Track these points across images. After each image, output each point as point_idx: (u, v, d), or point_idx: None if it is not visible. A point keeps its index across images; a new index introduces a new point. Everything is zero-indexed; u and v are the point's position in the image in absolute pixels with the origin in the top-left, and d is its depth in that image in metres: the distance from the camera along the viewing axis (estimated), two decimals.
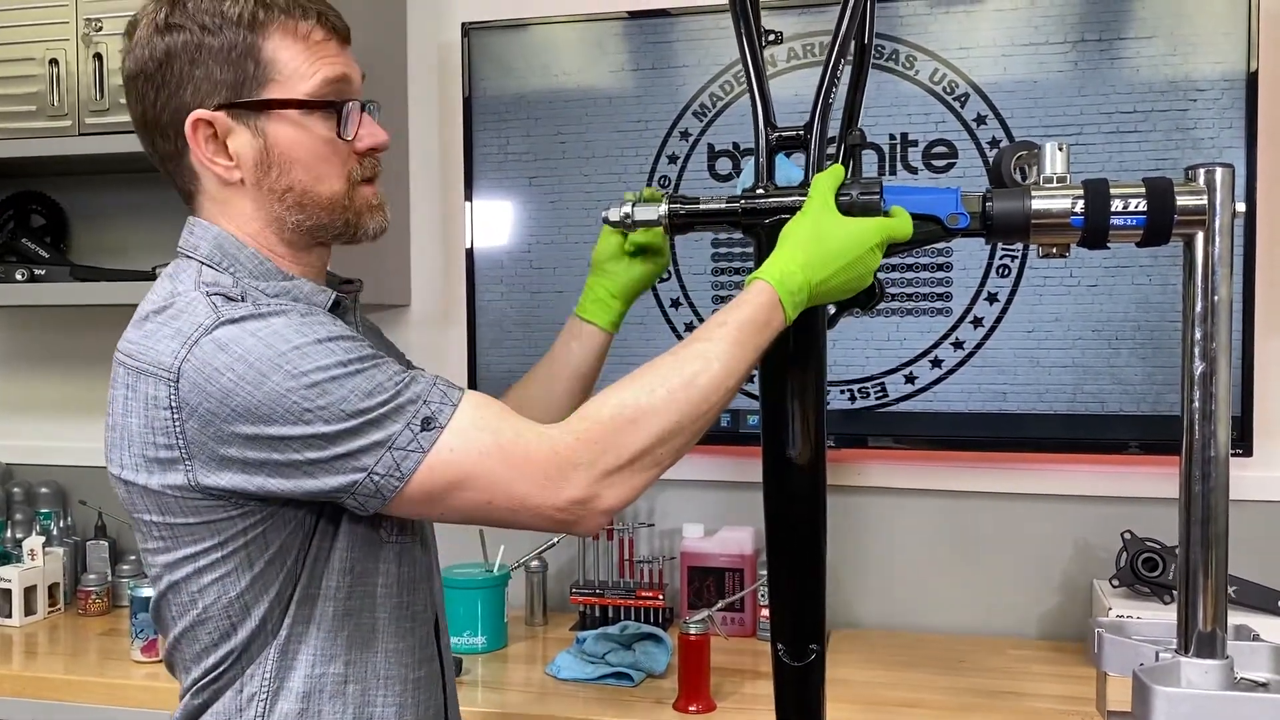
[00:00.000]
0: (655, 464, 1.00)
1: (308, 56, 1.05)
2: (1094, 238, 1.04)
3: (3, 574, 2.12)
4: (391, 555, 1.09)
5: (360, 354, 0.98)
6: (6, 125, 2.04)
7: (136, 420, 0.99)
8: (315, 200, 1.07)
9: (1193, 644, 1.03)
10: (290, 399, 0.94)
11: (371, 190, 1.12)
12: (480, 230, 2.14)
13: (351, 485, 0.96)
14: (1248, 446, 1.81)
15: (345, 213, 1.09)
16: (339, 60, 1.08)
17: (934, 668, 1.82)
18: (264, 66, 1.03)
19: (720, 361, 1.00)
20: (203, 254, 1.05)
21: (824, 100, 1.10)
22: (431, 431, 0.96)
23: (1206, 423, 1.04)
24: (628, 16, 2.06)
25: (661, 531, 2.15)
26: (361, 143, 1.09)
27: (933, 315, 1.94)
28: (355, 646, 1.06)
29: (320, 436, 0.94)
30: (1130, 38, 1.85)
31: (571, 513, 0.98)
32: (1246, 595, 1.74)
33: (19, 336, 2.50)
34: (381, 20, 2.17)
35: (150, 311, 1.01)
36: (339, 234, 1.10)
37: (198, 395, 0.95)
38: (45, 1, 2.02)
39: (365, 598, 1.07)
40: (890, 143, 1.94)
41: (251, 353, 0.95)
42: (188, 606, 1.04)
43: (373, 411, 0.95)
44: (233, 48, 1.02)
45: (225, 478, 0.97)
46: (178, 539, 1.02)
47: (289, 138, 1.04)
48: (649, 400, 0.98)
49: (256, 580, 1.02)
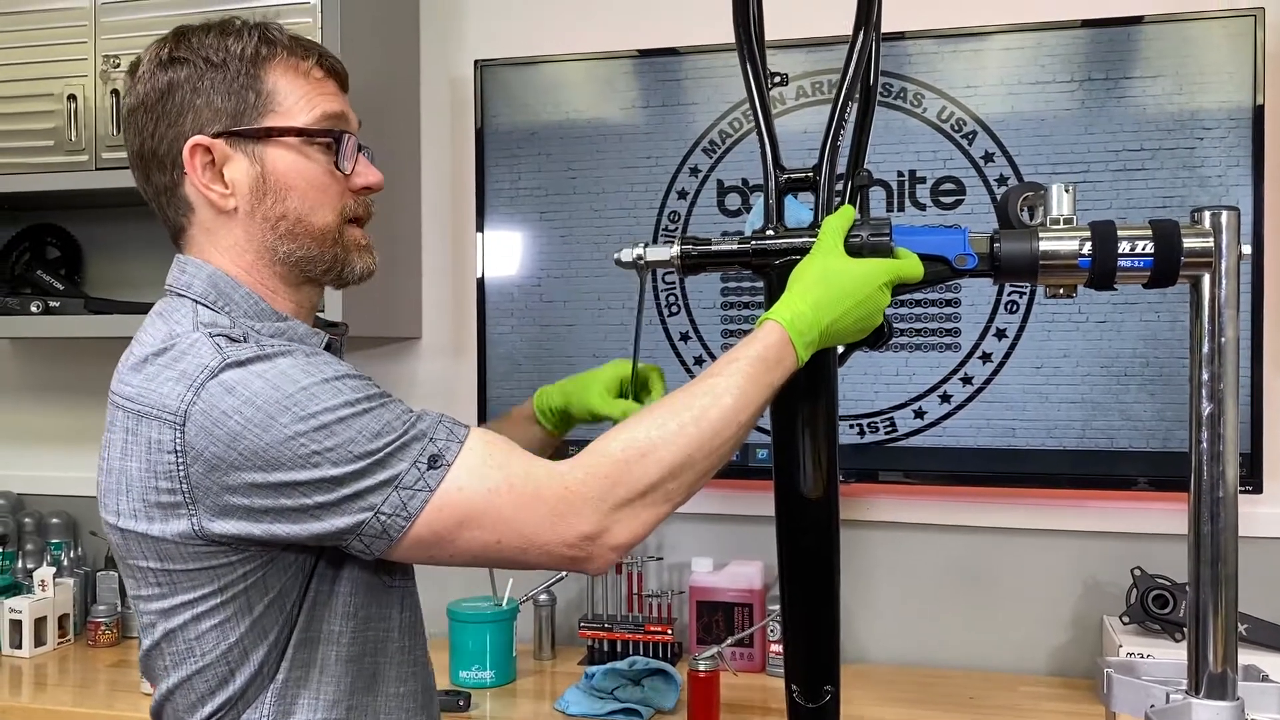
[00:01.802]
0: (666, 499, 0.99)
1: (308, 91, 1.07)
2: (1101, 279, 1.05)
3: (13, 605, 2.13)
4: (395, 600, 1.08)
5: (368, 393, 0.98)
6: (25, 160, 2.07)
7: (137, 464, 0.98)
8: (308, 229, 1.07)
9: (1204, 685, 1.03)
10: (298, 442, 0.93)
11: (360, 232, 1.12)
12: (491, 263, 2.16)
13: (358, 526, 0.95)
14: (1258, 483, 1.81)
15: (334, 247, 1.09)
16: (338, 99, 1.11)
17: (944, 705, 1.81)
18: (264, 97, 1.05)
19: (731, 396, 1.00)
20: (196, 292, 1.05)
21: (832, 142, 1.11)
22: (439, 470, 0.96)
23: (1215, 463, 1.04)
24: (638, 55, 2.08)
25: (670, 565, 2.15)
26: (358, 179, 1.10)
27: (942, 350, 1.95)
28: (358, 691, 1.05)
29: (328, 480, 0.94)
30: (1137, 76, 1.86)
31: (582, 549, 0.97)
32: (1258, 633, 1.73)
33: (33, 368, 2.52)
34: (396, 55, 2.20)
35: (149, 354, 1.00)
36: (327, 269, 1.10)
37: (205, 439, 0.94)
38: (64, 39, 2.05)
39: (369, 643, 1.06)
40: (898, 179, 1.96)
41: (259, 395, 0.94)
42: (184, 655, 1.02)
43: (380, 452, 0.95)
44: (235, 79, 1.05)
45: (231, 524, 0.96)
46: (175, 585, 1.00)
47: (286, 165, 1.05)
48: (659, 434, 0.98)
49: (255, 625, 1.00)
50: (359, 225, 1.12)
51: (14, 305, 2.17)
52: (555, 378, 1.38)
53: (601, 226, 2.10)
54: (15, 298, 2.20)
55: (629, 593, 2.07)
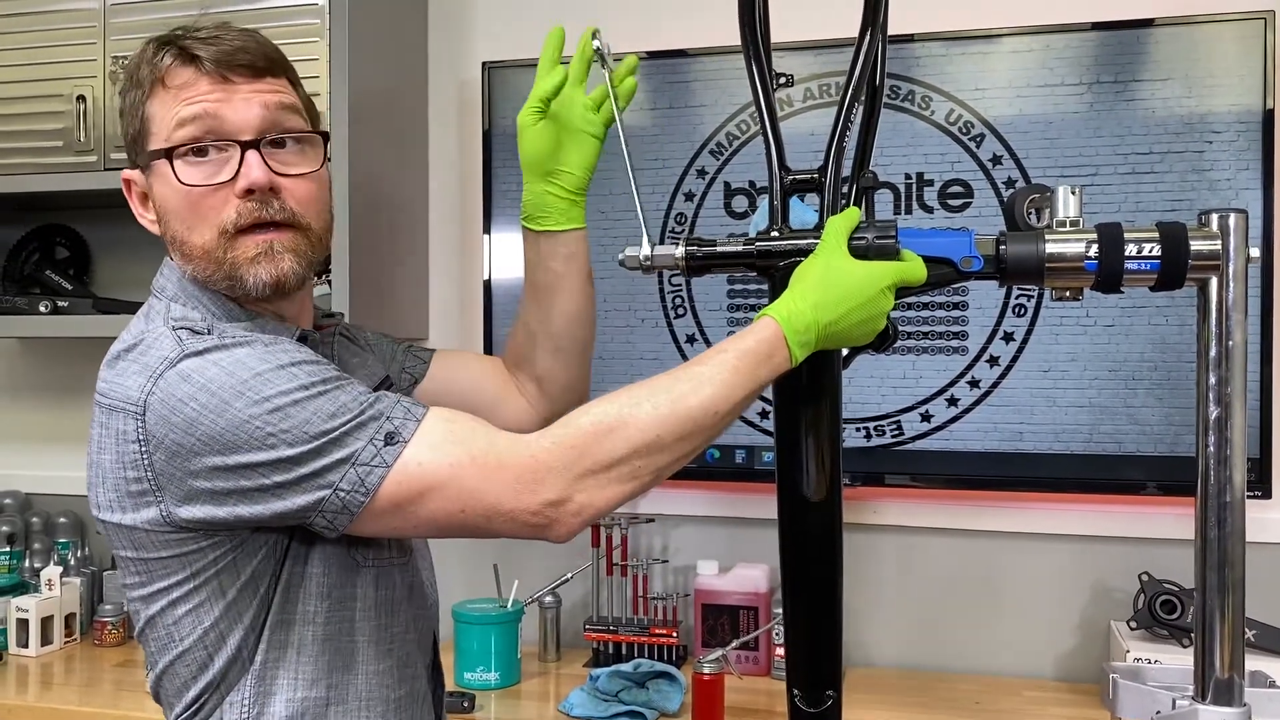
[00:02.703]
0: (633, 476, 0.99)
1: (170, 103, 1.05)
2: (1108, 282, 1.04)
3: (20, 604, 2.13)
4: (369, 579, 1.09)
5: (323, 376, 0.99)
6: (34, 160, 2.08)
7: (109, 457, 1.01)
8: (192, 250, 1.05)
9: (1210, 691, 1.02)
10: (253, 424, 0.95)
11: (253, 240, 1.04)
12: (498, 265, 2.16)
13: (319, 503, 0.97)
14: (1266, 488, 1.80)
15: (222, 264, 1.04)
16: (204, 100, 1.03)
17: (949, 709, 1.81)
18: (145, 122, 1.07)
19: (713, 386, 1.00)
20: (169, 294, 1.08)
21: (838, 143, 1.11)
22: (395, 446, 0.97)
23: (1222, 467, 1.03)
24: (646, 56, 2.08)
25: (675, 568, 2.15)
26: (238, 182, 1.03)
27: (949, 354, 1.94)
28: (336, 670, 1.07)
29: (286, 460, 0.95)
30: (1145, 79, 1.85)
31: (545, 515, 0.97)
32: (1266, 639, 1.72)
33: (41, 367, 2.53)
34: (404, 58, 2.20)
35: (121, 350, 1.03)
36: (228, 285, 1.05)
37: (164, 427, 0.97)
38: (74, 40, 2.06)
39: (344, 622, 1.07)
40: (906, 182, 1.95)
41: (214, 381, 0.96)
42: (165, 641, 1.05)
43: (335, 431, 0.96)
44: (133, 108, 1.08)
45: (197, 509, 0.98)
46: (151, 573, 1.03)
47: (161, 189, 1.07)
48: (632, 412, 0.98)
49: (230, 609, 1.03)
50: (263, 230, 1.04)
51: (23, 305, 2.18)
52: None
53: (608, 229, 2.09)
54: (24, 297, 2.20)
55: (634, 595, 2.06)
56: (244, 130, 1.04)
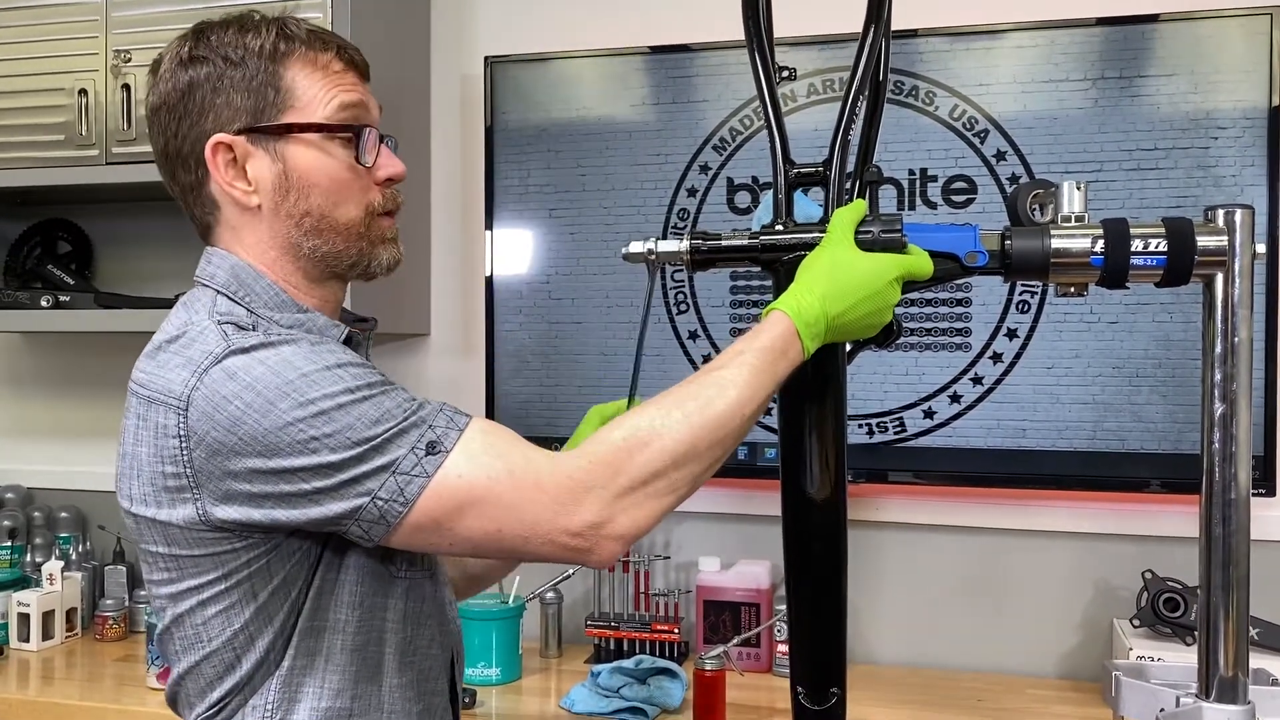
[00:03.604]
0: (671, 489, 0.98)
1: (325, 84, 1.07)
2: (1113, 278, 1.04)
3: (21, 599, 2.13)
4: (400, 590, 1.08)
5: (369, 380, 0.98)
6: (36, 154, 2.08)
7: (146, 450, 1.00)
8: (332, 225, 1.07)
9: (1214, 689, 1.02)
10: (296, 427, 0.94)
11: (389, 223, 1.12)
12: (500, 260, 2.15)
13: (356, 510, 0.96)
14: (1271, 486, 1.79)
15: (360, 240, 1.09)
16: (357, 89, 1.09)
17: (951, 707, 1.80)
18: (283, 94, 1.05)
19: (736, 388, 0.99)
20: (219, 282, 1.06)
21: (842, 137, 1.10)
22: (436, 456, 0.96)
23: (1227, 464, 1.03)
24: (649, 51, 2.08)
25: (678, 564, 2.14)
26: (380, 171, 1.10)
27: (952, 350, 1.94)
28: (362, 680, 1.06)
29: (327, 465, 0.94)
30: (1151, 75, 1.84)
31: (585, 538, 0.96)
32: (1270, 637, 1.71)
33: (43, 362, 2.52)
34: (406, 53, 2.20)
35: (164, 341, 1.02)
36: (353, 264, 1.10)
37: (206, 424, 0.96)
38: (75, 33, 2.05)
39: (373, 632, 1.06)
40: (910, 178, 1.95)
41: (260, 380, 0.95)
42: (192, 640, 1.03)
43: (378, 438, 0.95)
44: (254, 77, 1.05)
45: (234, 510, 0.97)
46: (183, 570, 1.02)
47: (308, 162, 1.06)
48: (663, 423, 0.98)
49: (260, 611, 1.01)
50: (390, 216, 1.12)
51: (25, 299, 2.17)
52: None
53: (611, 224, 2.09)
54: (26, 292, 2.20)
55: (636, 591, 2.06)
56: (379, 126, 1.11)
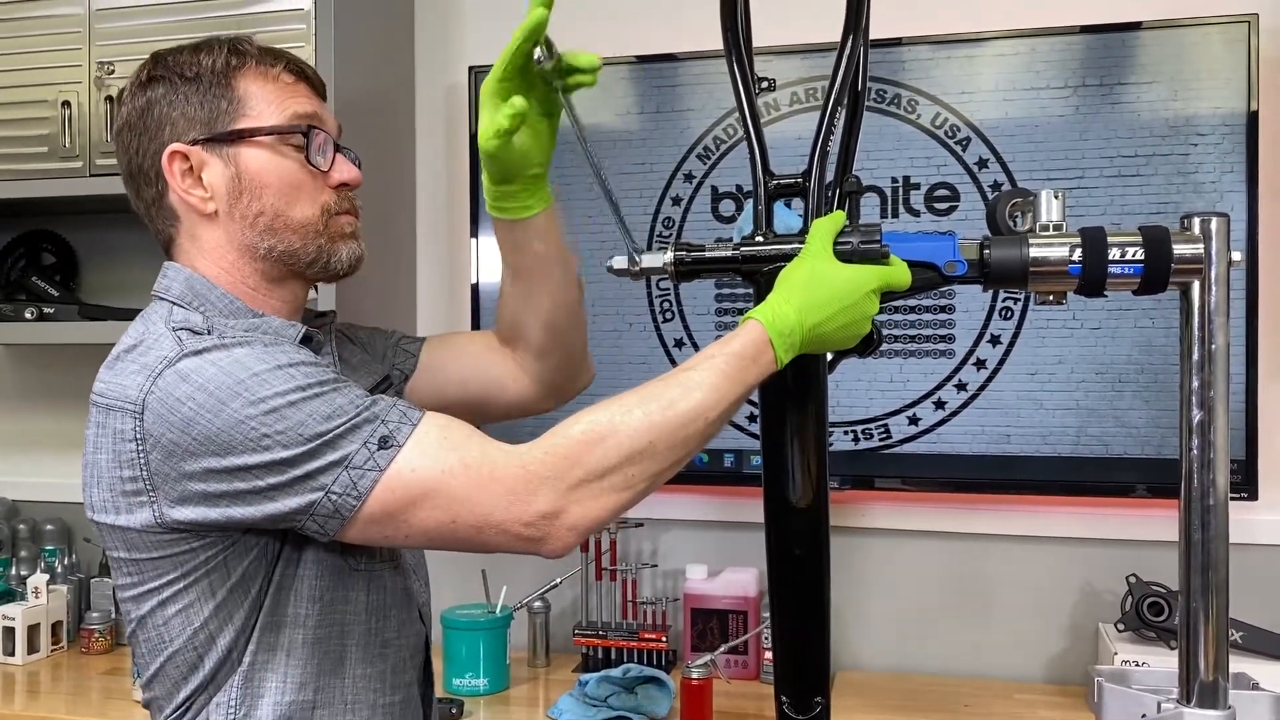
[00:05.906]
0: (626, 485, 0.98)
1: (278, 94, 1.10)
2: (1091, 286, 1.04)
3: (7, 612, 2.12)
4: (361, 583, 1.09)
5: (321, 378, 0.99)
6: (19, 166, 2.07)
7: (105, 456, 1.02)
8: (287, 224, 1.09)
9: (1194, 694, 1.03)
10: (249, 425, 0.95)
11: (348, 219, 1.13)
12: (486, 268, 2.15)
13: (310, 506, 0.97)
14: (1252, 490, 1.80)
15: (319, 238, 1.10)
16: (310, 100, 1.13)
17: (938, 713, 1.81)
18: (236, 103, 1.09)
19: (702, 391, 1.00)
20: (175, 294, 1.09)
21: (821, 147, 1.11)
22: (389, 450, 0.97)
23: (1205, 470, 1.04)
24: (635, 60, 2.08)
25: (665, 572, 2.15)
26: (334, 175, 1.12)
27: (936, 357, 1.94)
28: (325, 673, 1.07)
29: (280, 462, 0.96)
30: (1131, 82, 1.86)
31: (538, 528, 0.97)
32: (1253, 641, 1.72)
33: (28, 374, 2.51)
34: (390, 62, 2.20)
35: (121, 351, 1.05)
36: (312, 261, 1.11)
37: (160, 426, 0.97)
38: (59, 45, 2.05)
39: (334, 625, 1.08)
40: (892, 185, 1.96)
41: (212, 381, 0.97)
42: (155, 643, 1.05)
43: (330, 434, 0.96)
44: (208, 89, 1.09)
45: (190, 510, 0.99)
46: (143, 574, 1.04)
47: (259, 164, 1.08)
48: (623, 420, 0.98)
49: (220, 609, 1.03)
50: (348, 214, 1.14)
51: (8, 311, 2.17)
52: None
53: (595, 233, 2.09)
54: (10, 304, 2.20)
55: (623, 600, 2.06)
56: (336, 137, 1.14)
